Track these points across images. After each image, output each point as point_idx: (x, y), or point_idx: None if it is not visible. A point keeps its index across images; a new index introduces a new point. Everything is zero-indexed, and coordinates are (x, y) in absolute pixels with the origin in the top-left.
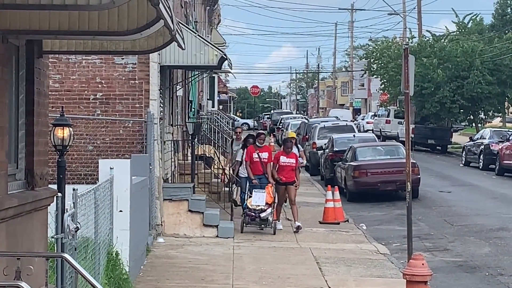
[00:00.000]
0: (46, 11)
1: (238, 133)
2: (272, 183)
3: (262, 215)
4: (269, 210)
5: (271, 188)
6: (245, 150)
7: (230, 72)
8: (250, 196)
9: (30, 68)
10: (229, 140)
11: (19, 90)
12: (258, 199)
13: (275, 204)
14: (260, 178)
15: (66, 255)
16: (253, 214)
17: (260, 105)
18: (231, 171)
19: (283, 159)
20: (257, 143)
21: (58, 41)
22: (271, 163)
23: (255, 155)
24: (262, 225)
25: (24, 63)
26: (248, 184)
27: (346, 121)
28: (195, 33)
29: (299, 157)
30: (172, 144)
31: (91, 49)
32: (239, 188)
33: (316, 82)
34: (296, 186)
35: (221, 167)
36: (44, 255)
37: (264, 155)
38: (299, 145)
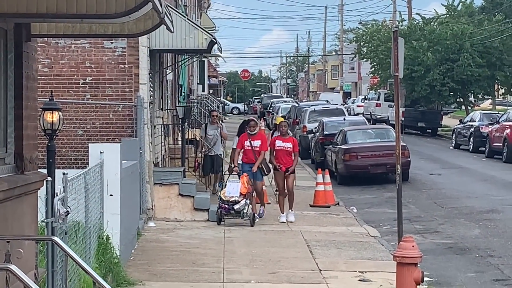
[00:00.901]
0: None
1: (213, 117)
2: (264, 172)
3: (236, 207)
4: (243, 202)
5: (246, 178)
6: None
7: (220, 56)
8: (225, 187)
9: (18, 52)
10: (202, 124)
11: (7, 74)
12: (232, 189)
13: (256, 196)
14: (251, 167)
15: (56, 238)
16: (227, 206)
17: (251, 89)
18: (202, 156)
19: (279, 143)
20: (248, 131)
21: (47, 24)
22: (264, 151)
23: (246, 143)
24: (238, 217)
25: (12, 47)
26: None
27: (337, 104)
28: (185, 17)
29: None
30: (162, 128)
31: (80, 33)
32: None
33: (306, 66)
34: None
35: (193, 153)
36: (33, 238)
37: (256, 143)
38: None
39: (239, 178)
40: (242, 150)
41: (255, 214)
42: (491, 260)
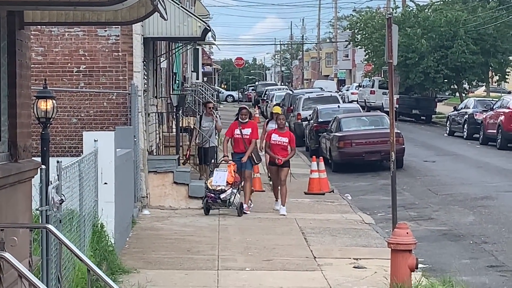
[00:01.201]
0: None
1: (209, 108)
2: (254, 161)
3: (222, 196)
4: (229, 191)
5: (234, 167)
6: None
7: (214, 44)
8: (212, 176)
9: (11, 40)
10: (197, 115)
11: (0, 62)
12: (219, 178)
13: (244, 185)
14: (242, 156)
15: (50, 226)
16: (213, 195)
17: (245, 77)
18: (196, 148)
19: (274, 137)
20: (240, 119)
21: (40, 12)
22: (255, 140)
23: (237, 131)
24: (224, 207)
25: (6, 34)
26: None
27: (331, 92)
28: (178, 5)
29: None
30: (157, 116)
31: (73, 20)
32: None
33: (300, 53)
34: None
35: (186, 143)
36: (28, 226)
37: (247, 131)
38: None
39: (227, 167)
40: (232, 138)
41: (244, 204)
42: (485, 247)
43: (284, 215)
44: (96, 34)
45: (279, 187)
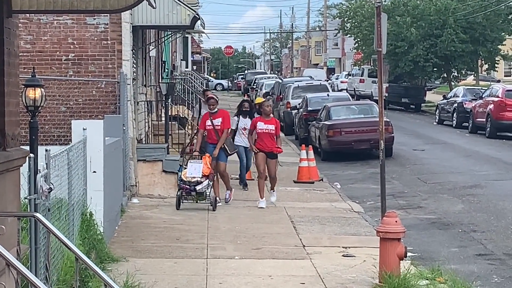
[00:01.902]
0: None
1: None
2: (228, 152)
3: (198, 188)
4: (205, 183)
5: (209, 159)
6: (239, 117)
7: (203, 32)
8: (185, 168)
9: None
10: (195, 105)
11: None
12: (194, 170)
13: (224, 178)
14: (215, 147)
15: (38, 215)
16: (188, 187)
17: (234, 65)
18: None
19: (260, 125)
20: (209, 109)
21: (28, 0)
22: (227, 129)
23: (208, 122)
24: (198, 200)
25: None
26: (245, 152)
27: (320, 80)
28: None
29: None
30: (146, 105)
31: (61, 8)
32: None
33: (290, 42)
34: (277, 152)
35: (189, 136)
36: (15, 214)
37: (217, 121)
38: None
39: (201, 159)
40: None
41: (218, 198)
42: (474, 235)
43: (273, 202)
44: (85, 23)
45: (264, 182)
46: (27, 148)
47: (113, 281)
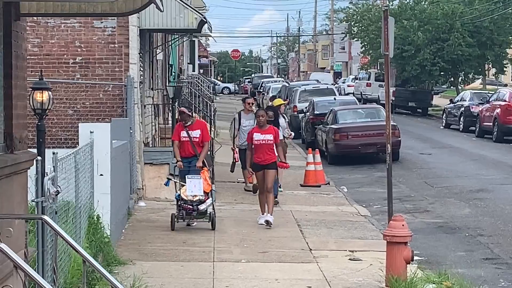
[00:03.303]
0: None
1: (248, 104)
2: (206, 165)
3: (201, 207)
4: (209, 201)
5: (207, 173)
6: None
7: (210, 36)
8: (183, 185)
9: (7, 31)
10: (235, 114)
11: None
12: (194, 187)
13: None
14: (191, 161)
15: (46, 217)
16: (190, 206)
17: (241, 69)
18: (237, 150)
19: (257, 136)
20: (184, 123)
21: (36, 3)
22: (207, 142)
23: (183, 133)
24: (199, 219)
25: (2, 26)
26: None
27: (327, 84)
28: None
29: (284, 128)
30: (153, 108)
31: (69, 12)
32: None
33: (297, 45)
34: (282, 167)
35: (232, 147)
36: (23, 217)
37: (195, 133)
38: (284, 115)
39: (199, 174)
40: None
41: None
42: (481, 239)
43: (268, 221)
44: (92, 26)
45: (264, 197)
46: (35, 151)
47: (120, 284)
